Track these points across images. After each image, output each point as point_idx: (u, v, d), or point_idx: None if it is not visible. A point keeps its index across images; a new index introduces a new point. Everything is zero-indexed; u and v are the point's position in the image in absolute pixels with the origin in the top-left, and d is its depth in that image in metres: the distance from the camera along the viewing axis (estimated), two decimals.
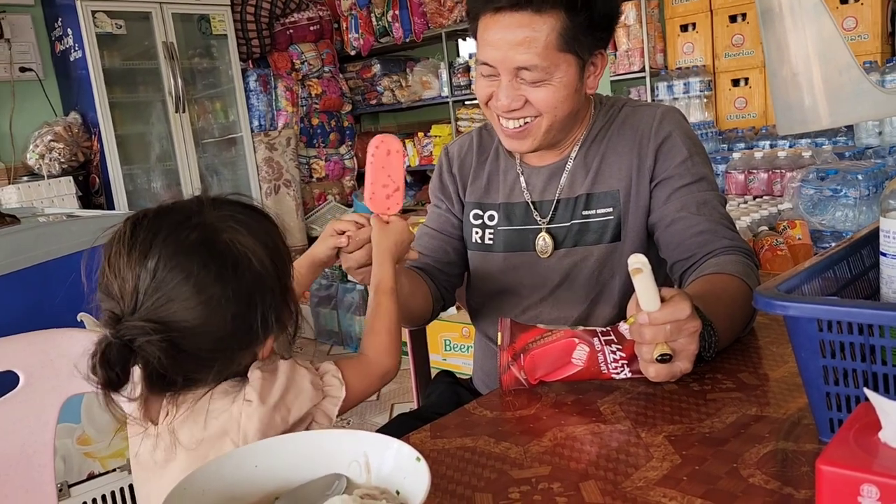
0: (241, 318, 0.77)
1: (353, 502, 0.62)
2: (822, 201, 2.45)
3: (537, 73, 1.10)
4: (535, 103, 1.13)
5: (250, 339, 0.79)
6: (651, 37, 4.04)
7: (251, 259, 0.78)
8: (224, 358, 0.79)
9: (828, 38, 0.86)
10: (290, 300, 0.83)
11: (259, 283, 0.78)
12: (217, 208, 0.80)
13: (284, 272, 0.82)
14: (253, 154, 5.14)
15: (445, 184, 1.37)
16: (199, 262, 0.75)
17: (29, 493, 0.99)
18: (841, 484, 0.51)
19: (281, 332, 0.83)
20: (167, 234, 0.76)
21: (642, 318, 0.84)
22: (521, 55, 1.09)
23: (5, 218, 2.05)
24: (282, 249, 0.83)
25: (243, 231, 0.79)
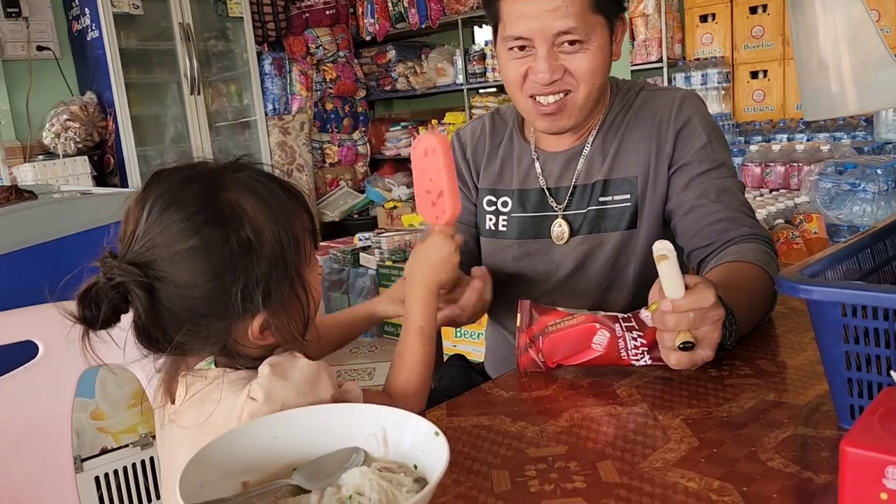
0: (218, 281, 0.74)
1: (371, 474, 0.63)
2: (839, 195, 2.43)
3: (576, 35, 1.08)
4: (574, 71, 1.11)
5: (225, 308, 0.75)
6: (669, 27, 4.01)
7: (246, 224, 0.75)
8: (194, 320, 0.75)
9: (857, 23, 0.84)
10: (298, 287, 0.79)
11: (249, 251, 0.74)
12: (236, 171, 0.79)
13: (291, 252, 0.78)
14: (266, 138, 5.15)
15: (460, 169, 1.34)
16: (189, 212, 0.74)
17: (47, 461, 1.00)
18: (865, 466, 0.51)
19: (276, 318, 0.78)
20: (173, 183, 0.76)
21: (665, 306, 0.82)
22: (560, 20, 1.07)
23: (23, 193, 2.07)
24: (296, 230, 0.79)
25: (251, 197, 0.76)
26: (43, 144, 4.39)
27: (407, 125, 5.61)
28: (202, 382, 0.80)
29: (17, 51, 4.38)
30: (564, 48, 1.10)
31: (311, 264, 0.83)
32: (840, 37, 0.87)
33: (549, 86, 1.12)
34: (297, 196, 0.81)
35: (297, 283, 0.79)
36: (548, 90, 1.13)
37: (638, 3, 4.01)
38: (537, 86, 1.13)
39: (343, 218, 5.38)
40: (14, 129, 4.41)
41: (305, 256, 0.80)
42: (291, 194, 0.81)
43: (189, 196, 0.75)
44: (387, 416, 0.68)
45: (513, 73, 1.15)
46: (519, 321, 0.98)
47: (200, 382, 0.80)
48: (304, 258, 0.80)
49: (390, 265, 3.33)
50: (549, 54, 1.10)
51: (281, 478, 0.65)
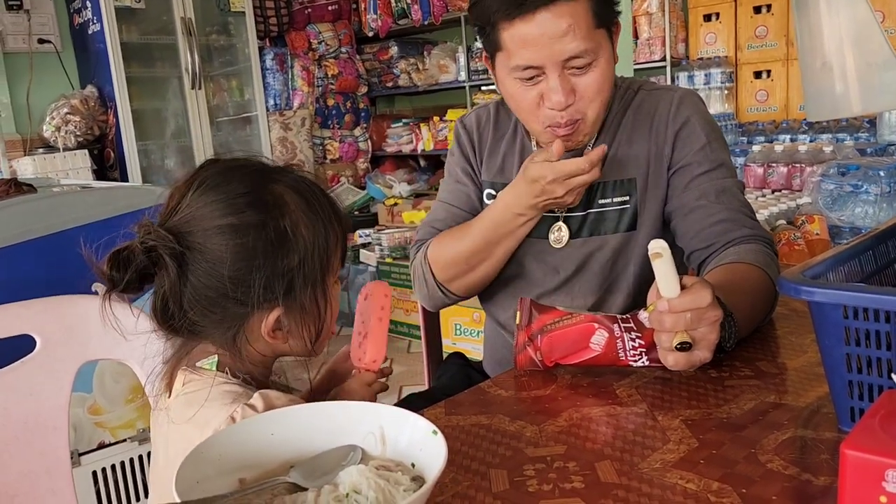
0: (246, 263, 0.75)
1: (368, 473, 0.62)
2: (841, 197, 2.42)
3: (586, 57, 1.05)
4: (585, 91, 1.08)
5: (246, 293, 0.76)
6: (673, 26, 4.00)
7: (286, 216, 0.77)
8: (214, 299, 0.76)
9: (862, 24, 0.84)
10: (319, 294, 0.80)
11: (284, 241, 0.76)
12: (287, 171, 0.81)
13: (321, 257, 0.79)
14: (267, 133, 5.14)
15: (469, 158, 1.31)
16: (235, 192, 0.76)
17: (43, 455, 1.00)
18: (865, 469, 0.50)
19: (291, 318, 0.79)
20: (224, 167, 0.79)
21: (662, 306, 0.82)
22: (570, 45, 1.03)
23: (22, 187, 2.06)
24: (330, 240, 0.80)
25: (296, 195, 0.78)
26: (43, 138, 4.39)
27: (409, 122, 5.60)
28: (198, 382, 0.80)
29: (19, 43, 4.37)
30: (574, 71, 1.07)
31: (335, 280, 0.84)
32: (845, 37, 0.87)
33: (565, 111, 1.08)
34: (339, 213, 0.83)
35: (318, 290, 0.80)
36: (563, 116, 1.09)
37: (642, 2, 4.00)
38: (552, 113, 1.09)
39: None
40: (14, 122, 4.41)
41: (332, 269, 0.82)
42: (334, 209, 0.83)
43: (237, 179, 0.78)
44: (385, 414, 0.68)
45: (525, 101, 1.11)
46: (518, 318, 0.97)
47: (197, 381, 0.80)
48: (330, 270, 0.81)
49: (390, 262, 3.33)
50: (561, 78, 1.06)
51: (278, 475, 0.65)
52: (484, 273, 1.23)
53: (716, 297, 0.84)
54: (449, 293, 1.27)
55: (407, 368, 2.97)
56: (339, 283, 0.87)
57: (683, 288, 0.83)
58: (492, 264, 1.22)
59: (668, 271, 0.82)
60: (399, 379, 2.87)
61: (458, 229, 1.24)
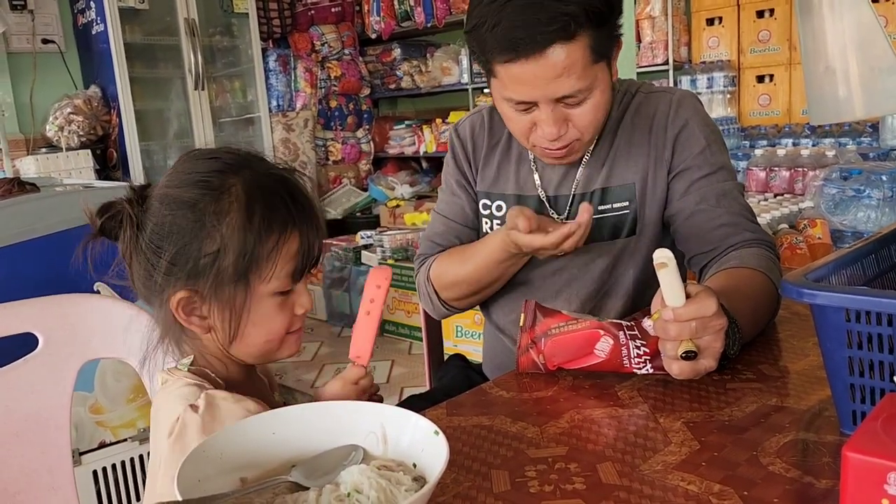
0: (164, 233, 0.78)
1: (370, 472, 0.62)
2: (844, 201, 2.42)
3: (580, 95, 1.04)
4: (578, 120, 1.07)
5: (156, 263, 0.78)
6: (676, 29, 4.00)
7: (220, 202, 0.77)
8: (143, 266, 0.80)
9: (866, 28, 0.84)
10: (240, 293, 0.79)
11: (201, 226, 0.77)
12: (259, 169, 0.82)
13: (239, 257, 0.78)
14: (270, 134, 5.15)
15: (464, 170, 1.31)
16: (191, 170, 0.80)
17: (45, 453, 1.00)
18: (867, 471, 0.50)
19: (203, 305, 0.80)
20: (212, 150, 0.83)
21: (667, 315, 0.82)
22: (563, 85, 1.02)
23: (25, 186, 2.06)
24: (269, 244, 0.78)
25: (244, 194, 0.78)
26: (46, 137, 4.39)
27: (411, 124, 5.61)
28: (170, 382, 0.82)
29: (23, 43, 4.38)
30: (569, 101, 1.05)
31: (274, 291, 0.81)
32: (848, 42, 0.87)
33: (556, 140, 1.08)
34: (295, 223, 0.81)
35: (240, 287, 0.79)
36: (556, 144, 1.09)
37: (644, 6, 4.00)
38: (545, 140, 1.09)
39: (345, 216, 5.37)
40: (18, 121, 4.42)
41: (260, 273, 0.79)
42: (286, 216, 0.80)
43: (208, 161, 0.81)
44: (386, 413, 0.68)
45: (520, 126, 1.11)
46: (522, 320, 0.97)
47: (169, 382, 0.82)
48: (256, 272, 0.79)
49: (392, 263, 3.33)
50: (553, 112, 1.05)
51: (279, 474, 0.65)
52: (487, 293, 1.27)
53: (720, 304, 0.83)
54: (454, 308, 1.31)
55: (408, 370, 2.97)
56: (295, 291, 0.83)
57: (688, 297, 0.82)
58: (494, 288, 1.25)
59: (673, 281, 0.82)
60: (400, 380, 2.87)
61: (459, 254, 1.25)
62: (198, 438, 0.74)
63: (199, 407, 0.76)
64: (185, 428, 0.75)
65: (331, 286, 3.59)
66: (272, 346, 0.84)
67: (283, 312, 0.82)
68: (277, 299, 0.82)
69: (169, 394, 0.80)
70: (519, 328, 0.98)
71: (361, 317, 0.90)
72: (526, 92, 1.04)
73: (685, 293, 0.82)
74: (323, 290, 3.64)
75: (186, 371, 0.83)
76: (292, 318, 0.84)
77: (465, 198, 1.30)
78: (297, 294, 0.84)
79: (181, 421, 0.75)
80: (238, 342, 0.82)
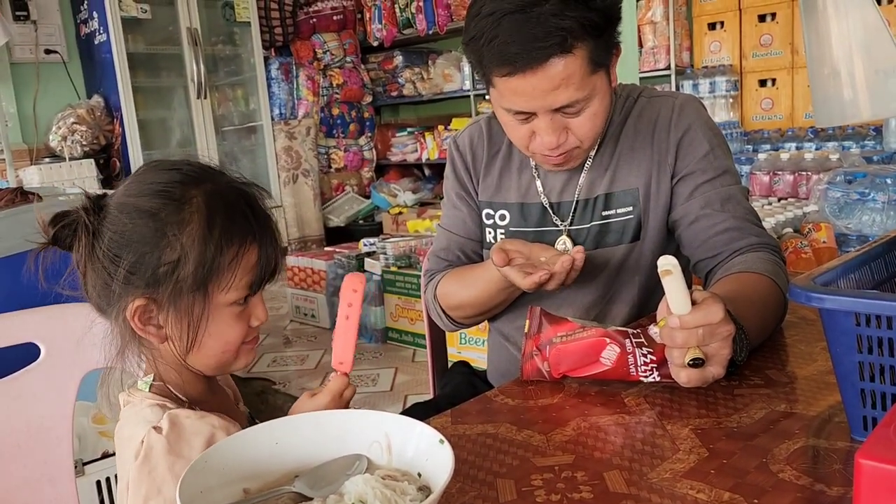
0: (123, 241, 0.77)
1: (374, 482, 0.62)
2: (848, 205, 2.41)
3: (578, 105, 1.04)
4: (578, 128, 1.07)
5: (114, 271, 0.77)
6: (678, 34, 4.00)
7: (181, 212, 0.77)
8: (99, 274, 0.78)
9: (871, 30, 0.83)
10: (198, 303, 0.78)
11: (161, 235, 0.77)
12: (220, 181, 0.81)
13: (199, 266, 0.77)
14: (272, 142, 5.16)
15: (464, 182, 1.30)
16: (152, 180, 0.79)
17: (47, 464, 0.99)
18: (881, 479, 0.49)
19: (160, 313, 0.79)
20: (173, 163, 0.82)
21: (673, 322, 0.81)
22: (561, 96, 1.01)
23: (28, 196, 2.06)
24: (229, 255, 0.78)
25: (204, 206, 0.78)
26: (49, 147, 4.41)
27: (413, 131, 5.62)
28: (131, 404, 0.82)
29: (26, 54, 4.40)
30: (567, 111, 1.05)
31: (232, 301, 0.81)
32: (853, 44, 0.86)
33: (556, 149, 1.08)
34: (255, 235, 0.81)
35: (198, 297, 0.78)
36: (555, 153, 1.09)
37: (646, 10, 4.00)
38: (543, 148, 1.09)
39: (348, 223, 5.38)
40: (21, 131, 4.43)
41: (220, 283, 0.79)
42: (246, 228, 0.80)
43: (169, 173, 0.80)
44: (391, 422, 0.67)
45: (519, 135, 1.11)
46: (527, 327, 0.96)
47: (130, 404, 0.82)
48: (216, 282, 0.79)
49: (395, 271, 3.32)
50: (552, 122, 1.05)
51: (283, 485, 0.64)
52: (496, 311, 1.28)
53: (727, 311, 0.82)
54: (464, 325, 1.33)
55: (412, 377, 2.96)
56: (253, 302, 0.83)
57: (694, 304, 0.81)
58: (501, 307, 1.26)
59: (678, 288, 0.81)
60: (404, 388, 2.86)
61: (463, 277, 1.26)
62: (164, 459, 0.74)
63: (163, 428, 0.75)
64: (150, 450, 0.75)
65: (334, 294, 3.58)
66: (228, 357, 0.84)
67: (240, 323, 0.82)
68: (235, 310, 0.82)
69: (131, 416, 0.80)
70: (524, 335, 0.97)
71: (341, 322, 0.87)
72: (524, 103, 1.04)
73: (691, 300, 0.81)
74: (326, 298, 3.63)
75: (147, 391, 0.82)
76: (247, 330, 0.84)
77: (465, 210, 1.30)
78: (253, 306, 0.84)
79: (146, 443, 0.75)
80: (195, 352, 0.81)
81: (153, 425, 0.76)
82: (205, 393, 0.87)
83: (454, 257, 1.31)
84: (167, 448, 0.75)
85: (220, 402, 0.90)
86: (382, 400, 2.76)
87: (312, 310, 3.75)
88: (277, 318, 3.91)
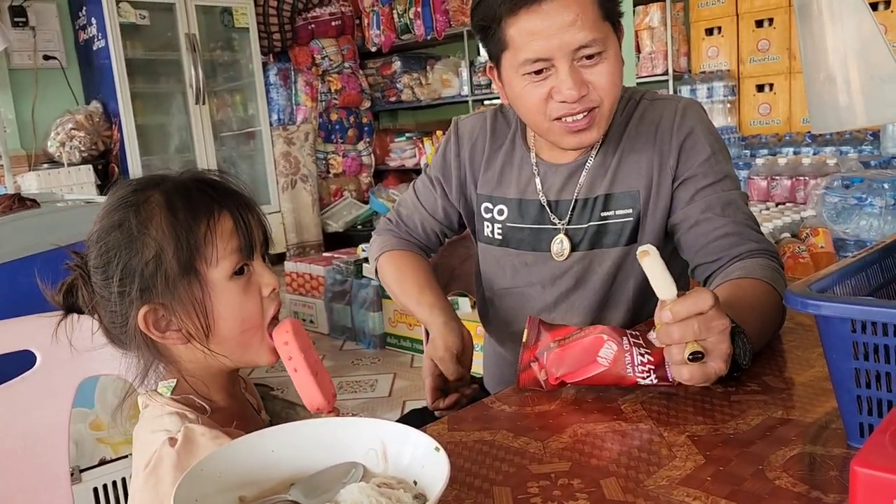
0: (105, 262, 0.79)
1: (370, 490, 0.61)
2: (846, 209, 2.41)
3: (595, 47, 1.04)
4: (597, 83, 1.07)
5: (109, 293, 0.79)
6: (675, 39, 4.01)
7: (140, 213, 0.78)
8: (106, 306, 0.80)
9: (867, 36, 0.83)
10: (196, 286, 0.79)
11: (131, 241, 0.78)
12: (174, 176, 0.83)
13: (179, 250, 0.78)
14: (271, 148, 5.16)
15: (449, 166, 1.31)
16: (114, 199, 0.81)
17: (43, 472, 0.99)
18: (877, 486, 0.49)
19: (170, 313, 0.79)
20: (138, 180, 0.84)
21: (665, 317, 0.80)
22: (578, 34, 1.03)
23: (26, 202, 2.06)
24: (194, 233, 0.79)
25: (162, 198, 0.80)
26: (47, 153, 4.41)
27: (412, 136, 5.62)
28: (151, 407, 0.82)
29: (24, 60, 4.40)
30: (584, 62, 1.06)
31: (223, 271, 0.80)
32: (849, 49, 0.86)
33: (577, 103, 1.07)
34: (219, 204, 0.81)
35: (192, 281, 0.79)
36: (576, 108, 1.07)
37: (644, 16, 4.01)
38: (564, 106, 1.07)
39: (347, 229, 5.37)
40: (19, 137, 4.43)
41: (205, 258, 0.80)
42: (207, 199, 0.81)
43: (128, 187, 0.82)
44: (386, 430, 0.67)
45: (533, 98, 1.09)
46: (525, 337, 0.95)
47: (150, 407, 0.82)
48: (201, 258, 0.79)
49: None
50: (571, 70, 1.05)
51: (278, 493, 0.64)
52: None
53: (720, 305, 0.82)
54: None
55: (410, 383, 2.95)
56: (255, 272, 0.83)
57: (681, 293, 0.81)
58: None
59: (658, 271, 0.80)
60: (402, 394, 2.86)
61: (405, 277, 1.31)
62: (171, 474, 0.74)
63: (177, 441, 0.76)
64: (160, 462, 0.75)
65: (332, 299, 3.58)
66: (251, 338, 0.83)
67: (250, 295, 0.82)
68: (238, 283, 0.81)
69: (150, 422, 0.80)
70: (521, 342, 0.96)
71: (294, 376, 0.84)
72: (541, 45, 1.04)
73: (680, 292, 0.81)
74: (324, 304, 3.63)
75: (169, 397, 0.82)
76: (263, 302, 0.83)
77: (439, 193, 1.34)
78: (257, 275, 0.83)
79: (157, 455, 0.75)
80: (214, 339, 0.81)
81: (170, 436, 0.76)
82: (227, 399, 0.87)
83: (412, 224, 1.38)
84: (175, 463, 0.74)
85: (240, 408, 0.89)
86: (380, 405, 2.76)
87: (311, 315, 3.74)
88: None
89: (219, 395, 0.86)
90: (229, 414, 0.84)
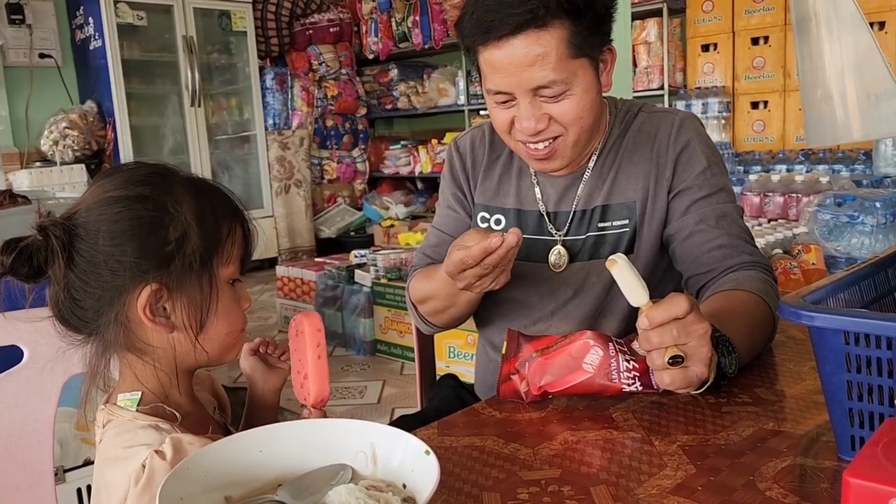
0: (118, 232, 0.76)
1: (358, 493, 0.61)
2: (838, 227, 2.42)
3: (557, 87, 1.05)
4: (559, 118, 1.08)
5: (118, 264, 0.76)
6: (671, 55, 4.04)
7: (171, 193, 0.78)
8: (91, 275, 0.76)
9: (864, 53, 0.84)
10: (205, 278, 0.79)
11: (159, 215, 0.77)
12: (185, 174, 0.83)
13: (204, 238, 0.78)
14: (266, 152, 5.15)
15: (460, 183, 1.30)
16: (129, 174, 0.79)
17: (27, 469, 0.98)
18: (869, 497, 0.49)
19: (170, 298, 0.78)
20: (135, 163, 0.83)
21: (643, 323, 0.80)
22: (537, 74, 1.03)
23: (17, 199, 2.05)
24: (222, 228, 0.81)
25: (189, 186, 0.80)
26: (41, 151, 4.39)
27: (407, 144, 5.63)
28: (117, 422, 0.80)
29: (20, 57, 4.39)
30: (546, 98, 1.06)
31: (232, 278, 0.83)
32: (846, 65, 0.87)
33: (536, 135, 1.09)
34: (237, 212, 0.84)
35: (204, 274, 0.79)
36: (537, 138, 1.09)
37: (641, 31, 4.04)
38: (524, 135, 1.09)
39: (339, 234, 5.37)
40: (12, 135, 4.41)
41: (222, 256, 0.81)
42: (232, 208, 0.83)
43: (132, 171, 0.81)
44: (377, 432, 0.66)
45: (501, 120, 1.12)
46: (504, 349, 0.95)
47: (116, 422, 0.80)
48: (219, 254, 0.81)
49: (385, 283, 3.31)
50: (531, 105, 1.06)
51: (265, 493, 0.63)
52: (462, 311, 1.21)
53: (699, 310, 0.82)
54: (432, 325, 1.28)
55: (399, 390, 2.94)
56: (239, 286, 0.85)
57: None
58: (458, 310, 1.20)
59: (629, 278, 0.80)
60: (391, 401, 2.84)
61: (430, 271, 1.23)
62: None
63: (166, 453, 0.73)
64: (153, 475, 0.73)
65: (323, 304, 3.57)
66: (231, 342, 0.85)
67: (236, 304, 0.84)
68: (233, 289, 0.84)
69: (119, 437, 0.78)
70: (501, 356, 0.95)
71: (314, 361, 0.86)
72: (501, 80, 1.06)
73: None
74: (315, 309, 3.62)
75: (135, 410, 0.80)
76: (242, 315, 0.86)
77: (461, 212, 1.30)
78: (240, 289, 0.86)
79: (148, 468, 0.73)
80: (203, 335, 0.81)
81: (154, 449, 0.74)
82: (187, 404, 0.85)
83: (440, 256, 1.26)
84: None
85: (198, 411, 0.88)
86: (369, 412, 2.74)
87: None
88: (266, 327, 3.89)
89: (179, 399, 0.84)
90: (190, 419, 0.82)
